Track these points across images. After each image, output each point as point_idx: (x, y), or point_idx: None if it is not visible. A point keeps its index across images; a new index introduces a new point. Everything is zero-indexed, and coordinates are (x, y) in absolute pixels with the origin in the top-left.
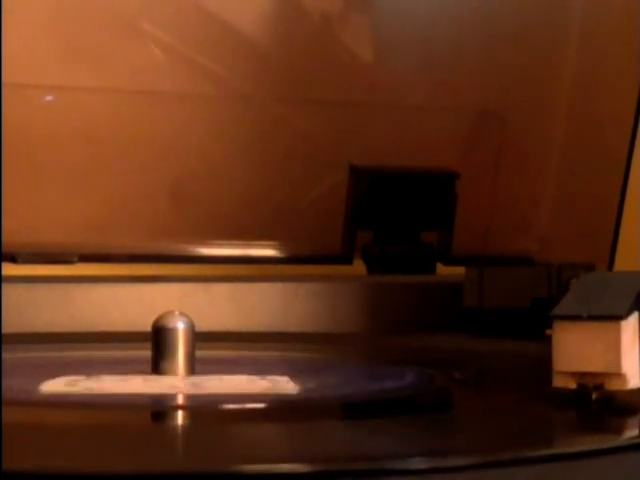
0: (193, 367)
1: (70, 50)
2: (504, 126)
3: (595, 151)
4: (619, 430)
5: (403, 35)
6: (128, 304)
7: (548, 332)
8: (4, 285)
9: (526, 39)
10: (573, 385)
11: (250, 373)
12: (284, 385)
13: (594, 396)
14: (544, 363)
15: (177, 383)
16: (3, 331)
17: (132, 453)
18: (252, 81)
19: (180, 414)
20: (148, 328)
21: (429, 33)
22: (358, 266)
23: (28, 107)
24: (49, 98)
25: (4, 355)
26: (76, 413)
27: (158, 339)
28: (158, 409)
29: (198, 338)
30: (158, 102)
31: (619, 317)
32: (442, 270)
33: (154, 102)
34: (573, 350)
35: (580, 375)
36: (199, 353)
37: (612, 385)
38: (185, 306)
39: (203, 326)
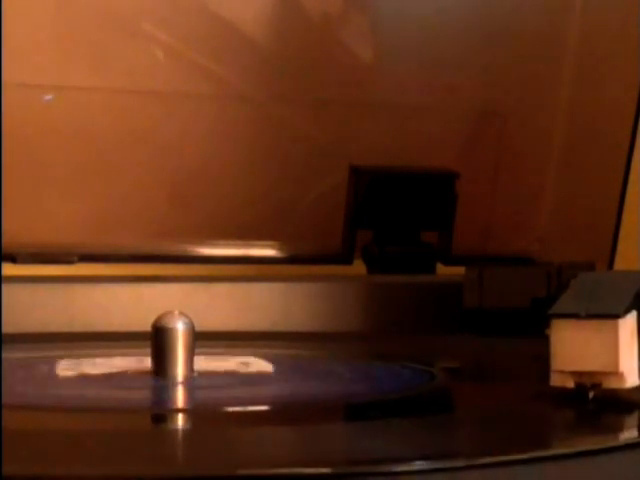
0: (193, 367)
1: (70, 50)
2: (504, 126)
3: (595, 151)
4: (617, 429)
5: (403, 35)
6: (128, 304)
7: (547, 332)
8: (4, 285)
9: (526, 39)
10: (571, 384)
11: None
12: None
13: (592, 395)
14: (543, 363)
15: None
16: (3, 331)
17: (133, 457)
18: (252, 81)
19: (181, 417)
20: (148, 328)
21: (429, 33)
22: (358, 266)
23: (28, 107)
24: (49, 97)
25: (4, 355)
26: (77, 417)
27: (158, 339)
28: (159, 412)
29: (198, 338)
30: (158, 102)
31: (617, 316)
32: (442, 270)
33: (154, 102)
34: (571, 349)
35: (578, 374)
36: (199, 353)
37: (610, 384)
38: (185, 306)
39: (203, 326)
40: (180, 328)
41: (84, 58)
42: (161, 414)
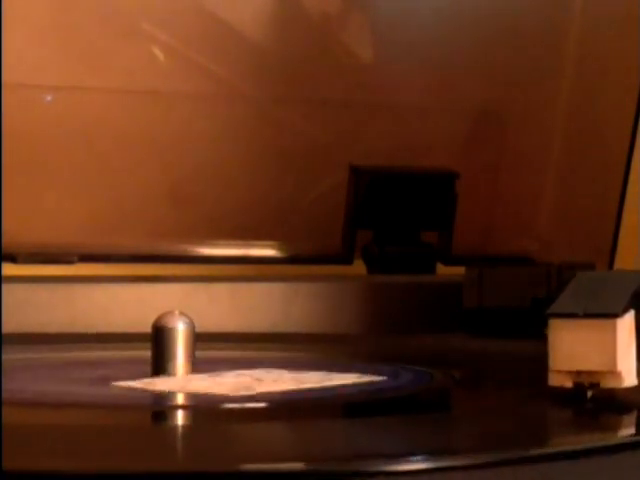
0: (193, 367)
1: (70, 50)
2: (504, 126)
3: (595, 151)
4: (615, 428)
5: (403, 35)
6: (128, 304)
7: (546, 332)
8: (4, 285)
9: (526, 39)
10: (569, 383)
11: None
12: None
13: (590, 394)
14: (543, 362)
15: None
16: (3, 331)
17: (133, 453)
18: (252, 81)
19: (181, 414)
20: (148, 328)
21: (429, 33)
22: (358, 266)
23: (28, 107)
24: (49, 98)
25: (4, 355)
26: (77, 413)
27: (158, 339)
28: (159, 409)
29: (198, 338)
30: (158, 102)
31: (615, 315)
32: (442, 270)
33: (154, 102)
34: (569, 348)
35: (576, 373)
36: (199, 353)
37: (608, 383)
38: (185, 306)
39: (203, 326)
40: (180, 328)
41: (84, 58)
42: (161, 411)
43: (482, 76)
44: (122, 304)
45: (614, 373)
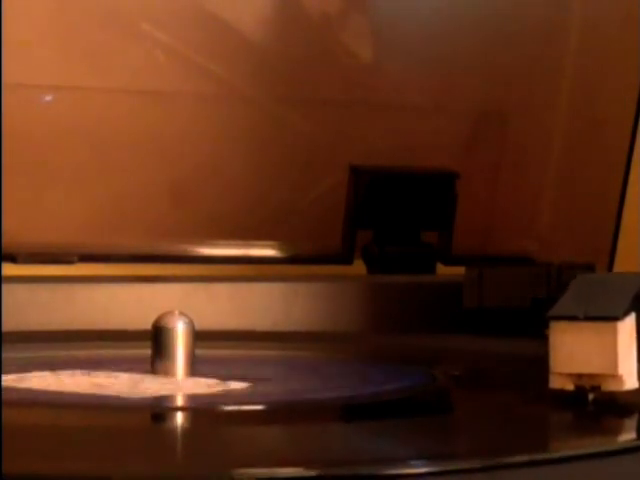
0: (192, 367)
1: (70, 50)
2: (504, 126)
3: (595, 151)
4: (616, 432)
5: (403, 35)
6: (128, 304)
7: (547, 332)
8: (4, 285)
9: (526, 39)
10: (570, 386)
11: (247, 373)
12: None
13: (591, 397)
14: (543, 363)
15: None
16: (3, 331)
17: (131, 454)
18: (252, 81)
19: (180, 416)
20: (148, 328)
21: (429, 33)
22: (358, 266)
23: (28, 107)
24: (49, 98)
25: (4, 355)
26: (74, 414)
27: (158, 339)
28: (157, 411)
29: (198, 338)
30: (158, 102)
31: (615, 318)
32: (442, 270)
33: (154, 102)
34: (570, 351)
35: (577, 376)
36: (199, 353)
37: (609, 386)
38: (185, 306)
39: (203, 326)
40: (180, 328)
41: (84, 58)
42: (159, 413)
43: (482, 76)
44: (122, 304)
45: (615, 376)
